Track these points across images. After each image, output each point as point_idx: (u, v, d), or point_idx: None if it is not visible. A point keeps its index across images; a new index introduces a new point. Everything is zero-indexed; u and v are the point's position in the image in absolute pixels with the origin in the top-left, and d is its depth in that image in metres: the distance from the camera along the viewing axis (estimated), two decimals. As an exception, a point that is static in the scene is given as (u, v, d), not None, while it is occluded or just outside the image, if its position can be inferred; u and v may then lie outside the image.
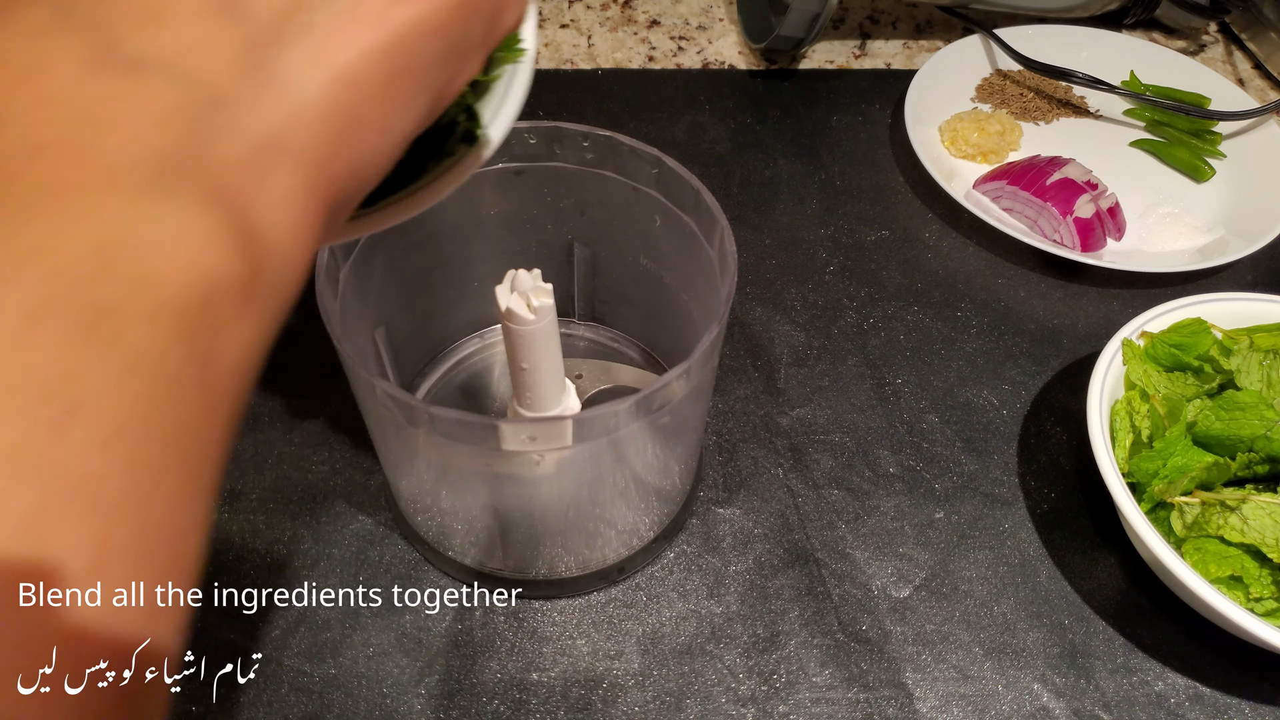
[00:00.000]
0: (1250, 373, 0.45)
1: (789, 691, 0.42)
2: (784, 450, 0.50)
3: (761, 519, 0.47)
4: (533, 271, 0.36)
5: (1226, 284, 0.59)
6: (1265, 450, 0.43)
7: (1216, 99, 0.68)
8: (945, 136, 0.67)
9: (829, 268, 0.59)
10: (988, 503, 0.48)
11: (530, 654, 0.42)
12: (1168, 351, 0.47)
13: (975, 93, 0.71)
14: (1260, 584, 0.40)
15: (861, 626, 0.44)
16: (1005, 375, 0.54)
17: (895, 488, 0.49)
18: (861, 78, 0.72)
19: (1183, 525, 0.43)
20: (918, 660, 0.43)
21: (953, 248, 0.61)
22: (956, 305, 0.57)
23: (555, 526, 0.41)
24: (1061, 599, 0.45)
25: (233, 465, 0.48)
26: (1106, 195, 0.60)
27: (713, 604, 0.44)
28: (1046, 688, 0.42)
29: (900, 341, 0.55)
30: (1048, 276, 0.59)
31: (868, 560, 0.46)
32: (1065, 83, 0.70)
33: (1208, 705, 0.42)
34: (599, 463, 0.38)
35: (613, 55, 0.72)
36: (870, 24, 0.77)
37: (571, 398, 0.42)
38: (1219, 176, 0.65)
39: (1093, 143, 0.68)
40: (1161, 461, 0.43)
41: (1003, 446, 0.51)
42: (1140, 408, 0.46)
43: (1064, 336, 0.56)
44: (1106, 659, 0.43)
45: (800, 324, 0.56)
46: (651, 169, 0.40)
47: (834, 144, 0.67)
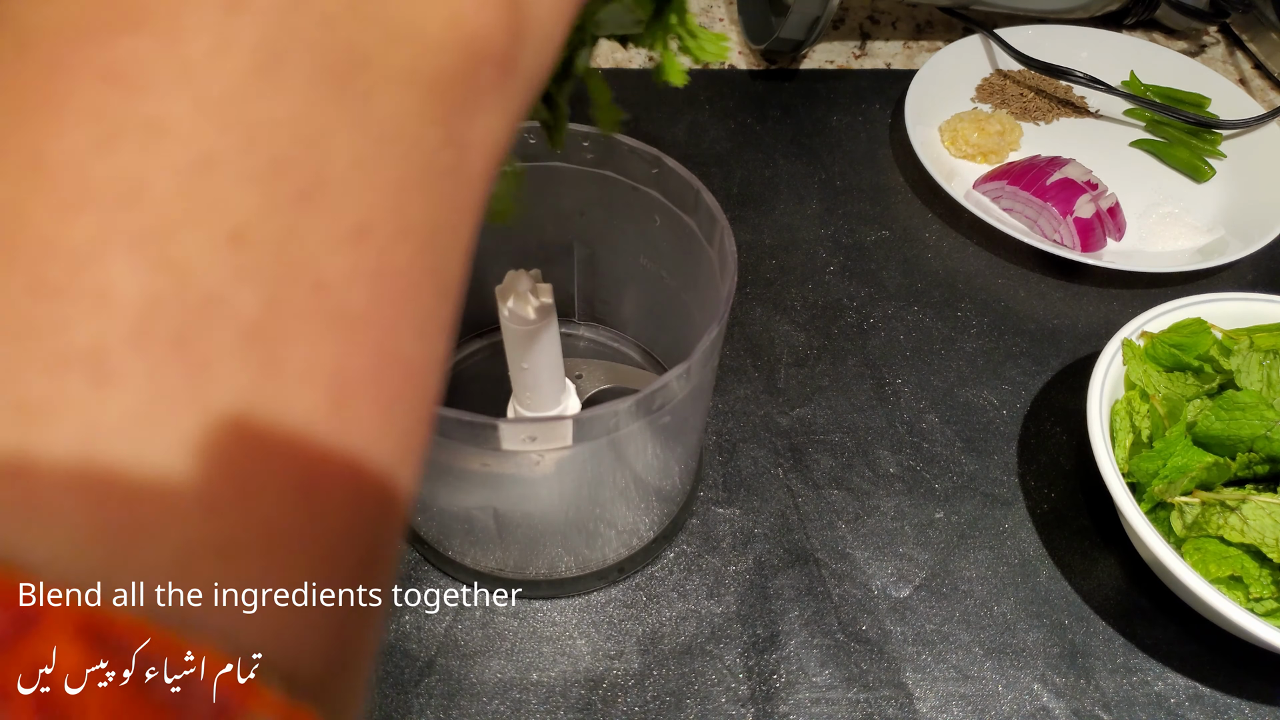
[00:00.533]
0: (1250, 373, 0.45)
1: (789, 691, 0.42)
2: (784, 450, 0.50)
3: (761, 519, 0.47)
4: (533, 271, 0.36)
5: (1226, 284, 0.59)
6: (1265, 450, 0.43)
7: (1217, 99, 0.68)
8: (945, 136, 0.67)
9: (829, 268, 0.59)
10: (988, 503, 0.48)
11: (530, 654, 0.42)
12: (1168, 351, 0.47)
13: (975, 93, 0.71)
14: (1260, 584, 0.40)
15: (861, 626, 0.44)
16: (1005, 375, 0.54)
17: (895, 488, 0.49)
18: (861, 78, 0.72)
19: (1183, 525, 0.42)
20: (918, 660, 0.43)
21: (953, 248, 0.61)
22: (956, 305, 0.57)
23: (555, 526, 0.41)
24: (1061, 599, 0.45)
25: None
26: (1106, 195, 0.60)
27: (712, 604, 0.44)
28: (1046, 688, 0.42)
29: (900, 341, 0.55)
30: (1048, 276, 0.59)
31: (868, 560, 0.46)
32: (1065, 82, 0.70)
33: (1208, 705, 0.42)
34: (599, 463, 0.38)
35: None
36: (870, 24, 0.77)
37: (571, 398, 0.42)
38: (1219, 176, 0.65)
39: (1093, 143, 0.68)
40: (1161, 461, 0.43)
41: (1003, 446, 0.51)
42: (1140, 408, 0.46)
43: (1064, 336, 0.56)
44: (1106, 659, 0.43)
45: (800, 324, 0.56)
46: (651, 169, 0.40)
47: (834, 144, 0.67)
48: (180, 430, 0.09)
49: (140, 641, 0.08)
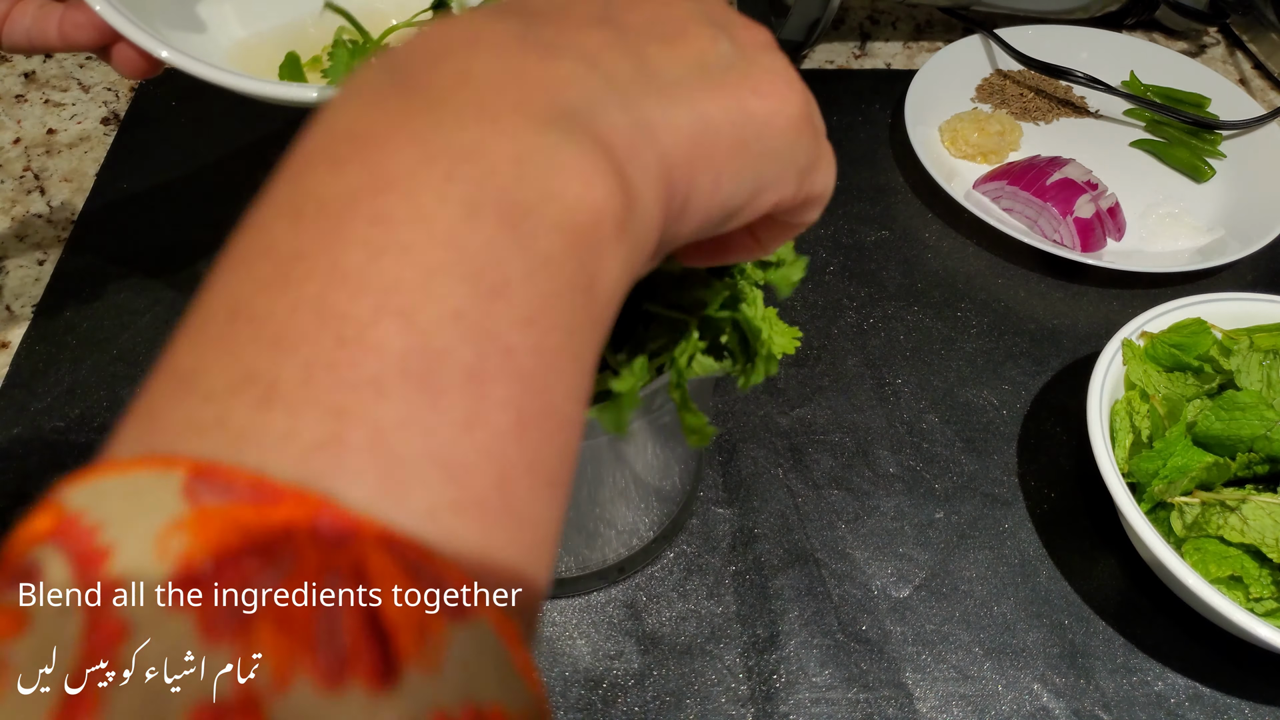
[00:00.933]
0: (1250, 373, 0.45)
1: (789, 692, 0.42)
2: (784, 450, 0.50)
3: (761, 519, 0.47)
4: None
5: (1226, 284, 0.59)
6: (1265, 450, 0.43)
7: (1216, 99, 0.68)
8: (945, 136, 0.67)
9: (829, 268, 0.59)
10: (987, 503, 0.48)
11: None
12: (1168, 352, 0.47)
13: (975, 93, 0.71)
14: (1260, 584, 0.40)
15: (861, 627, 0.44)
16: (1005, 375, 0.54)
17: (895, 488, 0.49)
18: (861, 78, 0.72)
19: (1183, 525, 0.42)
20: (917, 660, 0.43)
21: (953, 248, 0.61)
22: (956, 305, 0.57)
23: (555, 526, 0.41)
24: (1061, 599, 0.45)
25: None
26: (1106, 195, 0.60)
27: (712, 604, 0.44)
28: (1046, 688, 0.42)
29: (900, 341, 0.55)
30: (1048, 277, 0.59)
31: (867, 560, 0.46)
32: (1065, 83, 0.70)
33: (1207, 705, 0.42)
34: (599, 463, 0.38)
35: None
36: (870, 24, 0.77)
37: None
38: (1219, 176, 0.65)
39: (1093, 143, 0.68)
40: (1161, 461, 0.43)
41: (1003, 446, 0.51)
42: (1140, 408, 0.46)
43: (1064, 337, 0.56)
44: (1106, 659, 0.43)
45: (800, 324, 0.56)
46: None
47: (834, 144, 0.66)
48: (429, 429, 0.14)
49: (418, 556, 0.13)
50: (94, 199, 0.60)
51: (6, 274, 0.56)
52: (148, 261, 0.56)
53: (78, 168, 0.62)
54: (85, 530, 0.12)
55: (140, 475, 0.13)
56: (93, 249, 0.57)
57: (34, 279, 0.56)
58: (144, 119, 0.65)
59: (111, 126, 0.65)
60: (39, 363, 0.52)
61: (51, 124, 0.65)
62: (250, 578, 0.12)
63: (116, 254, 0.57)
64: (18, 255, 0.57)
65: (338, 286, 0.14)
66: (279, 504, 0.12)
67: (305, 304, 0.14)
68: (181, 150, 0.63)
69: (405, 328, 0.14)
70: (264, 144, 0.62)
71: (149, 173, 0.61)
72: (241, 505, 0.12)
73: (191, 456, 0.13)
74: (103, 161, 0.62)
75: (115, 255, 0.57)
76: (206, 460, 0.13)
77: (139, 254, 0.57)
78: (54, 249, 0.57)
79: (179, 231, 0.58)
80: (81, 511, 0.12)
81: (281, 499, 0.12)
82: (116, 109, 0.66)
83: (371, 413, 0.13)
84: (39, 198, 0.60)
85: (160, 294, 0.54)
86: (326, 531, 0.12)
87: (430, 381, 0.14)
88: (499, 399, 0.14)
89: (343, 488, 0.13)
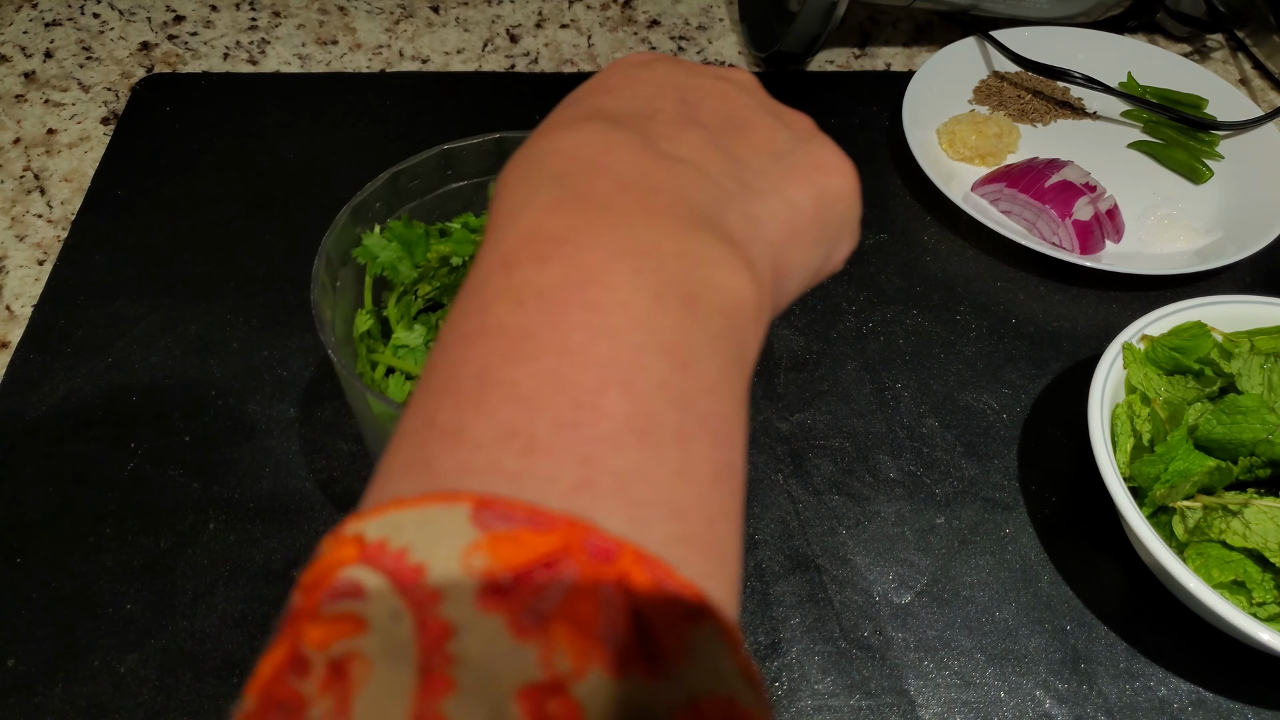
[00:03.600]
0: (1251, 376, 0.45)
1: (790, 699, 0.41)
2: (784, 455, 0.50)
3: (762, 525, 0.47)
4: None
5: (1225, 286, 0.59)
6: (1267, 454, 0.43)
7: (1214, 100, 0.68)
8: (943, 139, 0.66)
9: (828, 271, 0.59)
10: (988, 508, 0.48)
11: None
12: (1168, 355, 0.47)
13: (973, 95, 0.70)
14: (1263, 589, 0.40)
15: (863, 633, 0.44)
16: (1005, 379, 0.54)
17: (895, 493, 0.48)
18: (860, 79, 0.72)
19: (1185, 530, 0.42)
20: (919, 667, 0.43)
21: (951, 251, 0.60)
22: (956, 309, 0.57)
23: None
24: (1063, 604, 0.45)
25: (229, 474, 0.47)
26: (1105, 197, 0.60)
27: (713, 611, 0.44)
28: (1049, 694, 0.42)
29: (899, 345, 0.55)
30: (1047, 279, 0.59)
31: (869, 566, 0.46)
32: (1063, 84, 0.70)
33: (1210, 711, 0.42)
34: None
35: (613, 55, 0.72)
36: (870, 25, 0.77)
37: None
38: (1217, 178, 0.65)
39: (1091, 145, 0.68)
40: (1163, 466, 0.43)
41: (1003, 451, 0.50)
42: (1141, 411, 0.46)
43: (1063, 340, 0.56)
44: (1109, 665, 0.43)
45: (799, 328, 0.55)
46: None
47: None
48: (656, 479, 0.16)
49: (664, 573, 0.15)
50: (92, 199, 0.60)
51: (6, 274, 0.56)
52: (146, 262, 0.56)
53: (78, 168, 0.62)
54: (394, 554, 0.15)
55: (431, 509, 0.15)
56: (92, 249, 0.57)
57: (34, 279, 0.56)
58: (143, 119, 0.65)
59: (111, 126, 0.64)
60: (33, 371, 0.51)
61: (51, 124, 0.65)
62: (542, 586, 0.14)
63: (115, 254, 0.56)
64: (18, 255, 0.57)
65: (568, 361, 0.17)
66: (553, 529, 0.15)
67: (544, 374, 0.17)
68: (180, 150, 0.62)
69: (626, 394, 0.17)
70: (261, 145, 0.62)
71: (148, 173, 0.61)
72: (524, 530, 0.15)
73: (473, 492, 0.15)
74: (101, 162, 0.62)
75: (114, 256, 0.56)
76: (487, 495, 0.15)
77: (138, 254, 0.56)
78: (54, 249, 0.57)
79: (177, 232, 0.58)
80: (384, 539, 0.15)
81: (555, 525, 0.15)
82: (116, 109, 0.66)
83: (611, 462, 0.16)
84: (39, 198, 0.60)
85: (157, 300, 0.54)
86: (595, 551, 0.15)
87: (650, 438, 0.17)
88: (699, 454, 0.17)
89: (600, 520, 0.15)
